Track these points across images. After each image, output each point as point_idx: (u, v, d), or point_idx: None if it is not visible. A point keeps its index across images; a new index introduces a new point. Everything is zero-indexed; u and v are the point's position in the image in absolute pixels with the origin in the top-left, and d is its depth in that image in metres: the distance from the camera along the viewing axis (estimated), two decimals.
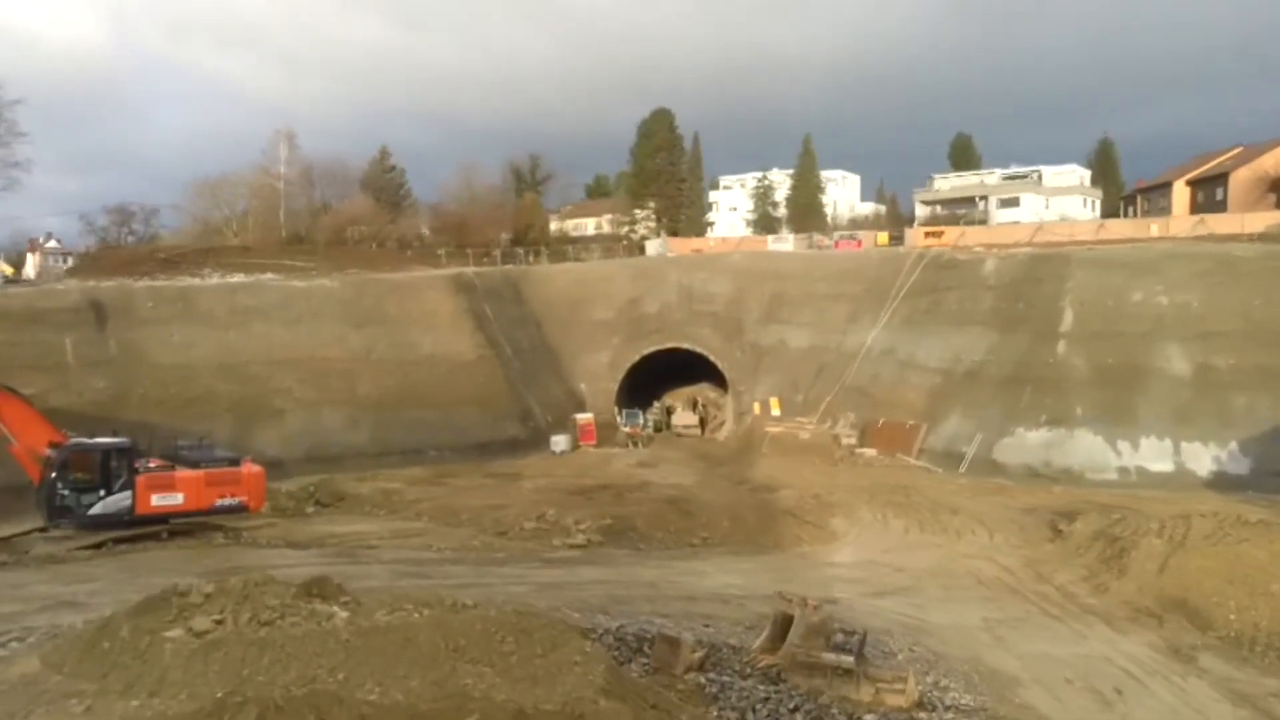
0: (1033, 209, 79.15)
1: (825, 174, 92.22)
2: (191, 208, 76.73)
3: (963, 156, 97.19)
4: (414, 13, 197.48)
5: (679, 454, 47.54)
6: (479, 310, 50.32)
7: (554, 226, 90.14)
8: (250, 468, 26.86)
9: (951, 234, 62.37)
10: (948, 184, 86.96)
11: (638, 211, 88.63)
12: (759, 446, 51.27)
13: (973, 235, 61.72)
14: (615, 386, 57.51)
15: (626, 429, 50.66)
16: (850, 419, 50.13)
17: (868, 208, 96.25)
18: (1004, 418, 38.92)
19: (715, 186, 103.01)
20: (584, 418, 49.26)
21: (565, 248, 77.09)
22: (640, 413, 53.16)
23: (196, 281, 43.81)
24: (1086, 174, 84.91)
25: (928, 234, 63.41)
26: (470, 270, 55.73)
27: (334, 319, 43.55)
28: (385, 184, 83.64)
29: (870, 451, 44.23)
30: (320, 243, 67.91)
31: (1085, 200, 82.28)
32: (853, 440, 46.89)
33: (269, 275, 46.45)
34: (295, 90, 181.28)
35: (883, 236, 65.92)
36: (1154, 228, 56.16)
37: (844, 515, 30.84)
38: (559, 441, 46.03)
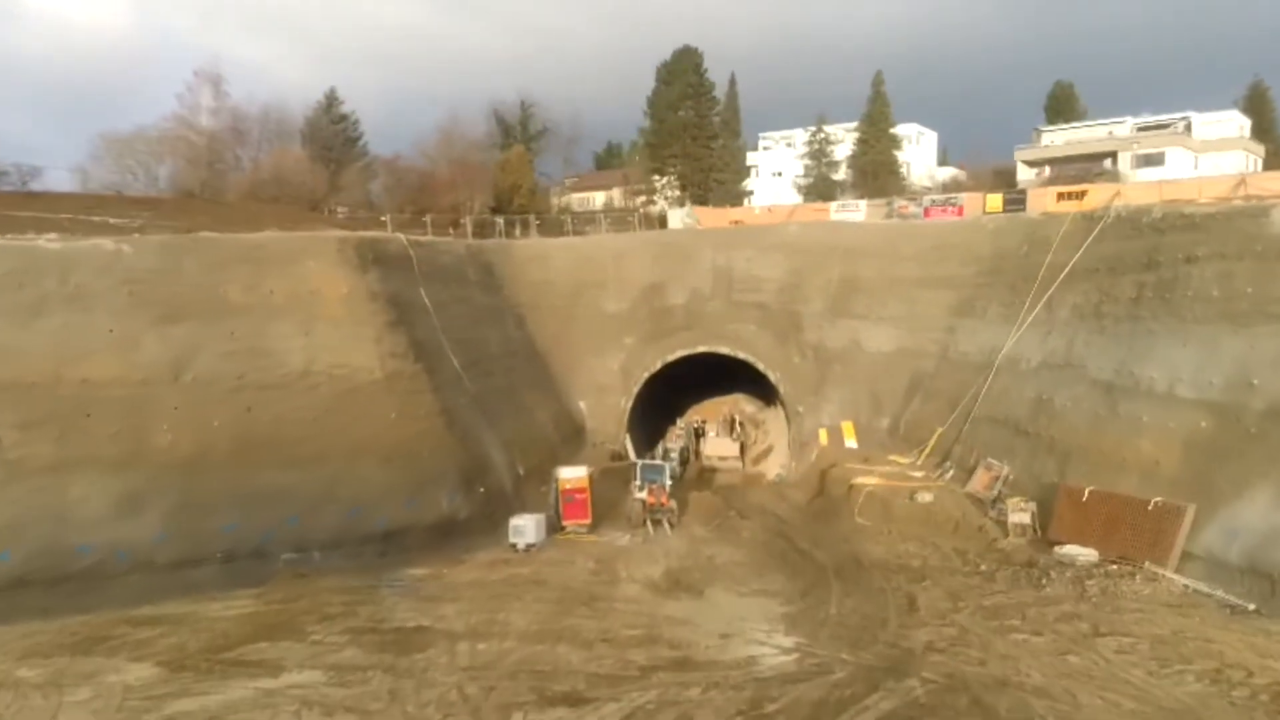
0: (1180, 167, 59.56)
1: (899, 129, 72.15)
2: (96, 169, 58.07)
3: (1064, 108, 77.19)
4: None
5: (736, 550, 27.13)
6: (402, 297, 30.77)
7: (553, 204, 71.52)
8: None
9: (1098, 194, 43.33)
10: (1062, 138, 66.84)
11: (657, 178, 70.58)
12: (842, 506, 33.05)
13: (1131, 194, 42.48)
14: (628, 404, 42.76)
15: (641, 495, 29.73)
16: (1004, 474, 30.65)
17: (946, 173, 76.09)
18: None
19: (753, 147, 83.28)
20: (571, 478, 28.36)
21: (564, 218, 58.90)
22: (665, 466, 31.96)
23: None
24: (1247, 123, 64.65)
25: (1062, 195, 45.34)
26: (404, 237, 36.21)
27: (117, 308, 23.64)
28: (331, 136, 65.04)
29: (1084, 552, 24.47)
30: (226, 204, 49.51)
31: (1247, 157, 62.18)
32: (1026, 519, 27.45)
33: (52, 235, 26.65)
34: (325, 76, 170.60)
35: (994, 199, 47.72)
36: None
37: None
38: (524, 529, 25.49)
